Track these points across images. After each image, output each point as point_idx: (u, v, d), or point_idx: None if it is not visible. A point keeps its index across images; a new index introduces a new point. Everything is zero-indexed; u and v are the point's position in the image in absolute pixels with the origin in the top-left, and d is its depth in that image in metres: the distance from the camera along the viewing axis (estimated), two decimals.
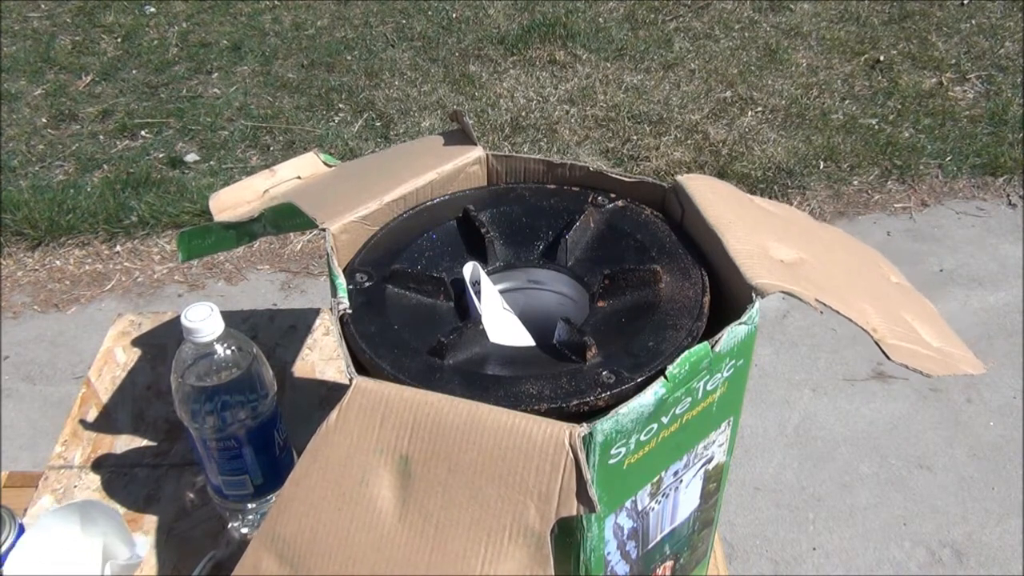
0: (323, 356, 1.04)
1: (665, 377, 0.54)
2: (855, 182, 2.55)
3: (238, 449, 0.78)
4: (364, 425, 0.53)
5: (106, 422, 0.97)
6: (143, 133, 2.70)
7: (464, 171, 0.73)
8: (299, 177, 0.81)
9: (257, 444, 0.79)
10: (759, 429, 1.88)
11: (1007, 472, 1.80)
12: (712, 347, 0.55)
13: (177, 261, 2.30)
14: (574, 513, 0.50)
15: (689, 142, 2.64)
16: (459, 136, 0.76)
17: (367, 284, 0.64)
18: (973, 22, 3.18)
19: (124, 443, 0.95)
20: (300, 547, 0.53)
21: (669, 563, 0.71)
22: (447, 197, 0.73)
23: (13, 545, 0.75)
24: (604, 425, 0.51)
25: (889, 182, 2.55)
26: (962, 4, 3.28)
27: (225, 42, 3.10)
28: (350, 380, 0.54)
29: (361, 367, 0.58)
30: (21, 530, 0.77)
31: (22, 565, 0.76)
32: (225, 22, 3.23)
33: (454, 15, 3.23)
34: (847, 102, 2.80)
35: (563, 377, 0.56)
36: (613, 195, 0.71)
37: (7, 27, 3.20)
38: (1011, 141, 2.65)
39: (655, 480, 0.60)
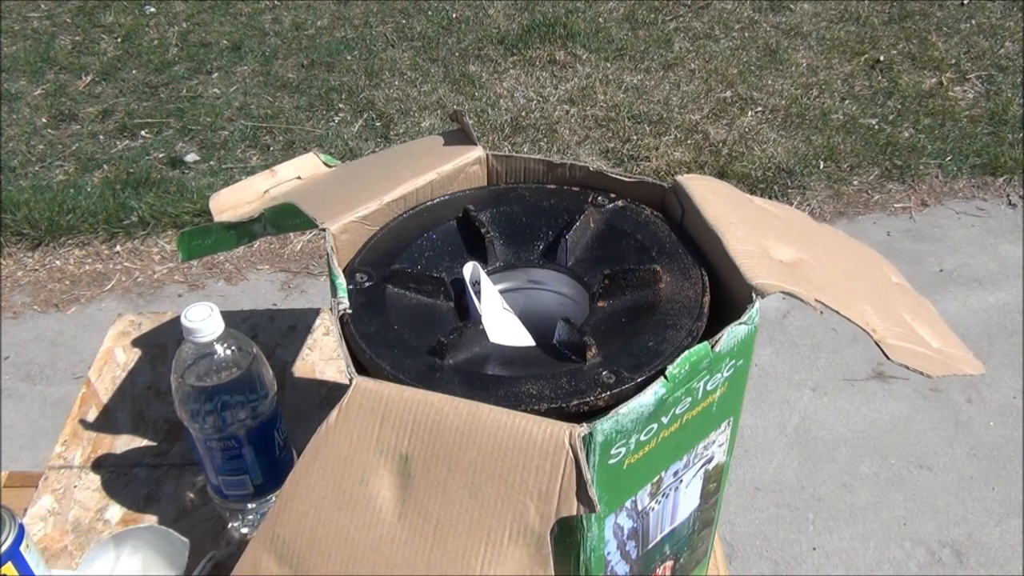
0: (323, 356, 1.04)
1: (665, 377, 0.53)
2: (855, 182, 2.55)
3: (238, 449, 0.78)
4: (364, 425, 0.53)
5: (106, 422, 0.97)
6: (143, 133, 2.71)
7: (464, 171, 0.73)
8: (299, 177, 0.81)
9: (257, 444, 0.79)
10: (759, 429, 1.88)
11: (1007, 472, 1.80)
12: (712, 347, 0.55)
13: (177, 261, 2.31)
14: (574, 513, 0.50)
15: (689, 142, 2.64)
16: (459, 136, 0.76)
17: (367, 284, 0.64)
18: (973, 22, 3.18)
19: (124, 443, 0.95)
20: (300, 547, 0.53)
21: (669, 563, 0.71)
22: (447, 197, 0.73)
23: (13, 545, 0.75)
24: (604, 425, 0.51)
25: (889, 182, 2.55)
26: (962, 4, 3.28)
27: (225, 42, 3.10)
28: (350, 380, 0.54)
29: (361, 367, 0.58)
30: (21, 530, 0.77)
31: None
32: (225, 22, 3.23)
33: (454, 15, 3.23)
34: (847, 102, 2.80)
35: (563, 377, 0.56)
36: (613, 195, 0.71)
37: (7, 27, 3.20)
38: (1011, 141, 2.65)
39: (655, 480, 0.60)
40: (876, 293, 0.67)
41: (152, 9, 3.29)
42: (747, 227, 0.63)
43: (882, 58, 2.99)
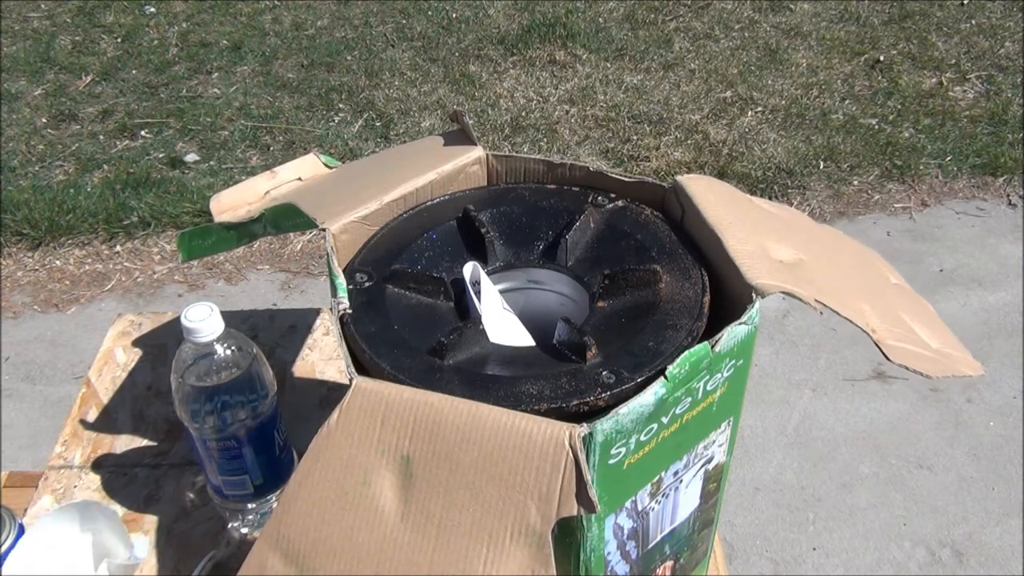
0: (323, 356, 1.04)
1: (665, 377, 0.54)
2: (855, 182, 2.55)
3: (238, 449, 0.78)
4: (365, 426, 0.53)
5: (106, 422, 0.97)
6: (143, 133, 2.70)
7: (464, 171, 0.73)
8: (300, 179, 0.81)
9: (257, 444, 0.79)
10: (759, 429, 1.88)
11: (1007, 472, 1.80)
12: (712, 347, 0.55)
13: (177, 261, 2.30)
14: (574, 513, 0.50)
15: (689, 142, 2.64)
16: (459, 136, 0.76)
17: (367, 284, 0.64)
18: (973, 22, 3.18)
19: (124, 443, 0.95)
20: (305, 547, 0.53)
21: (669, 563, 0.71)
22: (447, 197, 0.73)
23: (13, 546, 0.75)
24: (604, 425, 0.51)
25: (889, 182, 2.55)
26: (962, 4, 3.28)
27: (225, 42, 3.10)
28: (350, 380, 0.54)
29: (361, 367, 0.58)
30: (21, 530, 0.78)
31: (21, 566, 0.76)
32: (225, 22, 3.23)
33: (454, 15, 3.23)
34: (847, 102, 2.80)
35: (563, 377, 0.56)
36: (613, 195, 0.71)
37: (7, 27, 3.20)
38: (1011, 141, 2.65)
39: (655, 480, 0.60)
40: (875, 293, 0.67)
41: (152, 9, 3.29)
42: (747, 227, 0.64)
43: (882, 58, 2.99)
